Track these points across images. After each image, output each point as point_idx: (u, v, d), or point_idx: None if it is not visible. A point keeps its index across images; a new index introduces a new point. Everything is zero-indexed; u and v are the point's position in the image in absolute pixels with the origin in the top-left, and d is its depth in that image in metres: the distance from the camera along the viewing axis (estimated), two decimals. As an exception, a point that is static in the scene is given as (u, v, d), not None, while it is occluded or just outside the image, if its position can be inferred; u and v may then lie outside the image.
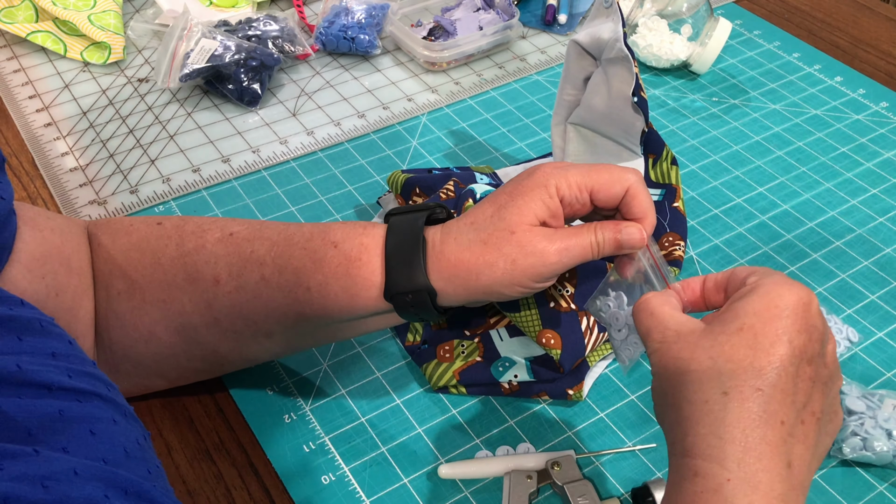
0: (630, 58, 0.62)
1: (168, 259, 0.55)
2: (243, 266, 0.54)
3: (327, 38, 0.96)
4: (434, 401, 0.62)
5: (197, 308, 0.55)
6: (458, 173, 0.71)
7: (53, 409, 0.36)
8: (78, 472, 0.34)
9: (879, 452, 0.57)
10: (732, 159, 0.85)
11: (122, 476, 0.36)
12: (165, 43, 0.88)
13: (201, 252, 0.55)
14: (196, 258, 0.55)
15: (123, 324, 0.56)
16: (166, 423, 0.60)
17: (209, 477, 0.57)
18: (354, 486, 0.57)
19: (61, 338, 0.41)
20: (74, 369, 0.39)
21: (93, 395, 0.38)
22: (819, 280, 0.72)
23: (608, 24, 0.65)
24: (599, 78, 0.67)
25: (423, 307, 0.51)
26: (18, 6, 0.95)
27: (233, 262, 0.54)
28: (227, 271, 0.54)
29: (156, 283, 0.55)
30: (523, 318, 0.61)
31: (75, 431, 0.36)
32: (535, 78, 0.95)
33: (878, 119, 0.90)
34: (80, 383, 0.38)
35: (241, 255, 0.54)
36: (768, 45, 1.02)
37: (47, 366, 0.38)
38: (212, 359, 0.58)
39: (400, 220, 0.52)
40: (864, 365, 0.66)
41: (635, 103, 0.64)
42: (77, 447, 0.36)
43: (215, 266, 0.54)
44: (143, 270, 0.55)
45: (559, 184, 0.50)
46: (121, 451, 0.38)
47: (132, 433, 0.40)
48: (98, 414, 0.38)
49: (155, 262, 0.55)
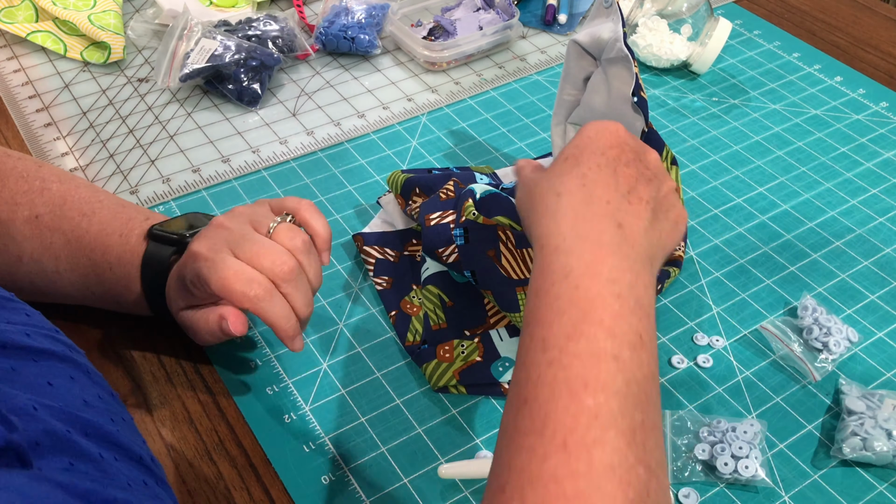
0: (630, 58, 0.62)
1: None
2: (42, 254, 0.62)
3: (327, 37, 0.96)
4: (434, 401, 0.62)
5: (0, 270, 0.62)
6: (458, 173, 0.71)
7: (6, 366, 0.37)
8: (37, 408, 0.35)
9: (879, 452, 0.57)
10: (732, 159, 0.85)
11: (83, 418, 0.37)
12: (165, 43, 0.88)
13: (9, 227, 0.62)
14: (3, 230, 0.62)
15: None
16: (166, 423, 0.60)
17: (209, 477, 0.57)
18: (354, 486, 0.57)
19: (18, 310, 0.42)
20: (33, 331, 0.40)
21: (50, 355, 0.40)
22: (819, 280, 0.72)
23: (608, 24, 0.65)
24: (599, 78, 0.67)
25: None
26: (18, 6, 0.95)
27: (35, 248, 0.62)
28: (30, 255, 0.62)
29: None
30: (523, 319, 0.61)
31: (31, 382, 0.37)
32: (535, 78, 0.95)
33: (878, 119, 0.90)
34: (37, 343, 0.40)
35: (42, 243, 0.62)
36: (768, 45, 1.02)
37: (2, 328, 0.39)
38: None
39: (155, 250, 0.61)
40: (864, 365, 0.66)
41: (635, 103, 0.64)
42: (34, 394, 0.36)
43: (20, 246, 0.62)
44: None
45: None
46: (79, 401, 0.39)
47: (92, 389, 0.41)
48: (54, 371, 0.39)
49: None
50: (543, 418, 0.39)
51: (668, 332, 0.67)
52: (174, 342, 0.66)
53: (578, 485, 0.37)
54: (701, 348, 0.66)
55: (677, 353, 0.66)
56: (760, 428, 0.59)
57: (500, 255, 0.61)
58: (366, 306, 0.69)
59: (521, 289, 0.61)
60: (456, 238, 0.62)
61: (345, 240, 0.74)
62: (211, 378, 0.63)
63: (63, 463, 0.33)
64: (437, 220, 0.64)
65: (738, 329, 0.68)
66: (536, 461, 0.38)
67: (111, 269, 0.61)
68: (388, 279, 0.70)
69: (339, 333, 0.67)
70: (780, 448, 0.60)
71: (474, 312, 0.66)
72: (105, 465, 0.35)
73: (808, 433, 0.61)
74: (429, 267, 0.66)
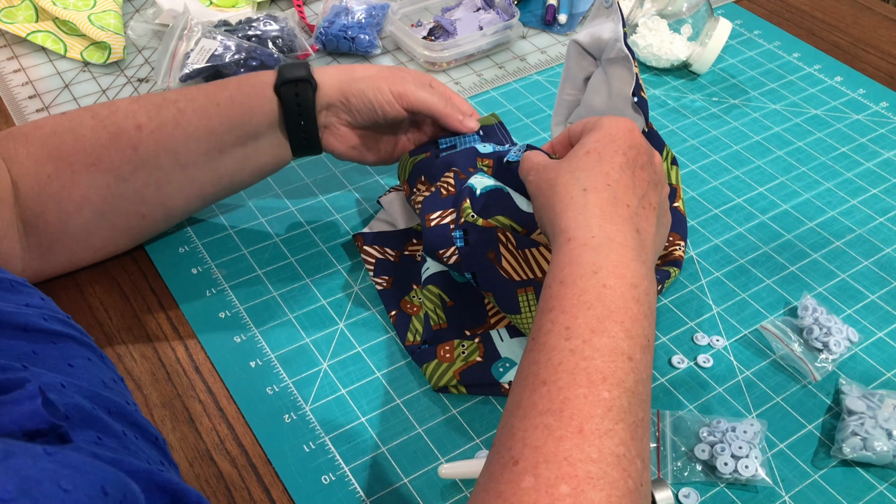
0: (630, 58, 0.62)
1: (88, 129, 0.63)
2: (159, 107, 0.64)
3: (327, 38, 0.96)
4: (434, 401, 0.62)
5: (124, 157, 0.63)
6: (460, 151, 0.70)
7: (28, 349, 0.38)
8: (65, 385, 0.36)
9: (879, 452, 0.57)
10: (732, 159, 0.85)
11: (105, 396, 0.38)
12: (165, 43, 0.88)
13: (117, 112, 0.64)
14: (115, 118, 0.64)
15: (57, 201, 0.62)
16: (166, 423, 0.60)
17: (209, 477, 0.57)
18: (354, 486, 0.57)
19: (33, 294, 0.43)
20: (49, 315, 0.41)
21: (67, 338, 0.41)
22: (819, 280, 0.72)
23: (608, 24, 0.65)
24: (599, 78, 0.67)
25: (306, 101, 0.66)
26: (18, 6, 0.95)
27: (149, 107, 0.64)
28: (147, 116, 0.64)
29: (81, 151, 0.63)
30: (523, 320, 0.61)
31: (52, 364, 0.38)
32: (535, 78, 0.95)
33: (878, 119, 0.90)
34: (55, 326, 0.41)
35: (154, 101, 0.65)
36: (768, 45, 1.02)
37: (21, 311, 0.40)
38: (134, 212, 0.66)
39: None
40: (864, 365, 0.66)
41: (635, 103, 0.64)
42: (58, 373, 0.38)
43: (134, 116, 0.64)
44: (66, 147, 0.62)
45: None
46: (99, 381, 0.40)
47: (107, 372, 0.42)
48: (73, 353, 0.41)
49: (76, 136, 0.63)
50: (562, 402, 0.42)
51: (668, 332, 0.67)
52: (174, 342, 0.66)
53: (589, 469, 0.39)
54: (701, 348, 0.66)
55: (677, 353, 0.66)
56: (760, 428, 0.59)
57: (500, 256, 0.61)
58: (366, 306, 0.69)
59: (523, 290, 0.61)
60: (456, 240, 0.62)
61: (345, 240, 0.74)
62: (211, 378, 0.63)
63: (92, 437, 0.35)
64: (438, 220, 0.64)
65: (738, 329, 0.68)
66: (553, 441, 0.40)
67: (237, 77, 0.68)
68: (388, 279, 0.70)
69: (339, 333, 0.67)
70: (780, 448, 0.60)
71: (475, 312, 0.66)
72: (128, 441, 0.37)
73: (808, 433, 0.61)
74: (429, 267, 0.66)
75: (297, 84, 0.66)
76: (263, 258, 0.73)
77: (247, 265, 0.72)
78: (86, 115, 0.64)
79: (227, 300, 0.69)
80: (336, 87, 0.67)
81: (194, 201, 0.69)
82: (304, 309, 0.68)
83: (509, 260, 0.61)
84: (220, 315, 0.68)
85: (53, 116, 0.65)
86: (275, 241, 0.74)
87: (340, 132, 0.70)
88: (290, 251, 0.73)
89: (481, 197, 0.63)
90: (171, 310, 0.68)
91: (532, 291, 0.61)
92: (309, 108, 0.67)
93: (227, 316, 0.68)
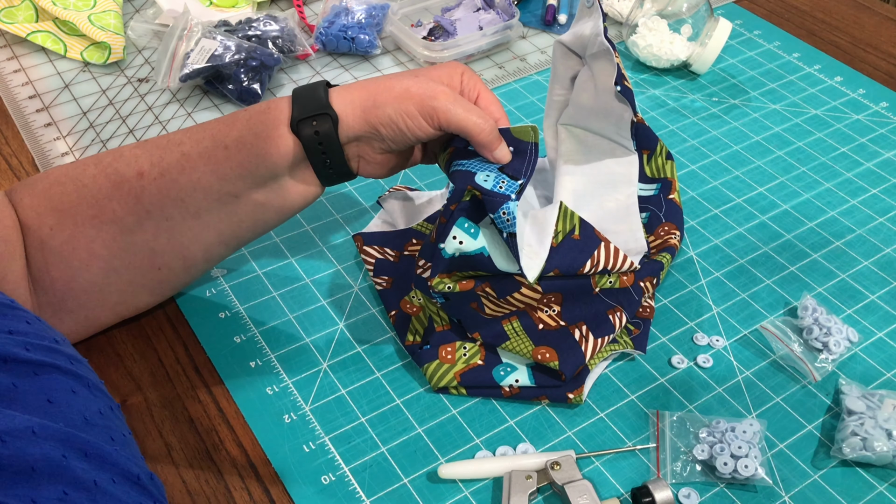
0: (611, 50, 0.63)
1: (89, 177, 0.59)
2: (163, 152, 0.59)
3: (327, 38, 0.96)
4: (434, 401, 0.62)
5: (128, 207, 0.58)
6: (468, 165, 0.62)
7: (7, 382, 0.37)
8: (36, 431, 0.35)
9: (879, 452, 0.57)
10: (732, 159, 0.85)
11: (82, 438, 0.37)
12: (165, 43, 0.88)
13: (120, 159, 0.59)
14: (116, 165, 0.59)
15: (62, 256, 0.59)
16: (166, 423, 0.60)
17: (209, 477, 0.57)
18: (354, 486, 0.57)
19: (18, 317, 0.42)
20: (33, 343, 0.40)
21: (51, 368, 0.40)
22: (819, 280, 0.72)
23: (589, 23, 0.65)
24: (586, 75, 0.67)
25: (328, 137, 0.58)
26: (18, 6, 0.95)
27: (152, 152, 0.59)
28: (149, 161, 0.58)
29: (83, 202, 0.58)
30: (514, 345, 0.61)
31: (31, 400, 0.37)
32: (535, 78, 0.95)
33: (878, 119, 0.90)
34: (38, 356, 0.39)
35: (158, 145, 0.59)
36: (768, 45, 1.02)
37: (2, 341, 0.39)
38: (148, 265, 0.61)
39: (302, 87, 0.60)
40: (864, 365, 0.66)
41: (619, 92, 0.64)
42: (33, 413, 0.36)
43: (137, 162, 0.59)
44: (67, 197, 0.59)
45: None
46: (80, 418, 0.39)
47: (94, 403, 0.41)
48: (55, 385, 0.39)
49: (78, 186, 0.59)
50: None
51: (668, 332, 0.68)
52: (174, 342, 0.66)
53: None
54: (701, 348, 0.66)
55: (677, 353, 0.66)
56: (760, 428, 0.59)
57: (482, 306, 0.61)
58: (366, 306, 0.69)
59: (507, 321, 0.61)
60: (436, 297, 0.61)
61: (345, 240, 0.74)
62: (211, 378, 0.63)
63: (58, 492, 0.34)
64: (421, 270, 0.63)
65: (738, 329, 0.68)
66: None
67: (245, 111, 0.60)
68: (388, 279, 0.70)
69: (339, 333, 0.67)
70: (780, 448, 0.60)
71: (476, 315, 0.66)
72: (98, 494, 0.36)
73: (808, 433, 0.61)
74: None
75: (315, 120, 0.57)
76: (263, 258, 0.73)
77: (247, 265, 0.72)
78: (89, 163, 0.60)
79: (227, 300, 0.69)
80: (360, 118, 0.58)
81: (215, 249, 0.62)
82: (304, 309, 0.69)
83: (492, 308, 0.61)
84: (220, 315, 0.68)
85: (64, 165, 0.61)
86: (275, 241, 0.74)
87: (377, 160, 0.62)
88: (290, 251, 0.73)
89: (457, 260, 0.58)
90: (170, 310, 0.68)
91: (516, 319, 0.61)
92: (333, 144, 0.58)
93: (227, 316, 0.68)
